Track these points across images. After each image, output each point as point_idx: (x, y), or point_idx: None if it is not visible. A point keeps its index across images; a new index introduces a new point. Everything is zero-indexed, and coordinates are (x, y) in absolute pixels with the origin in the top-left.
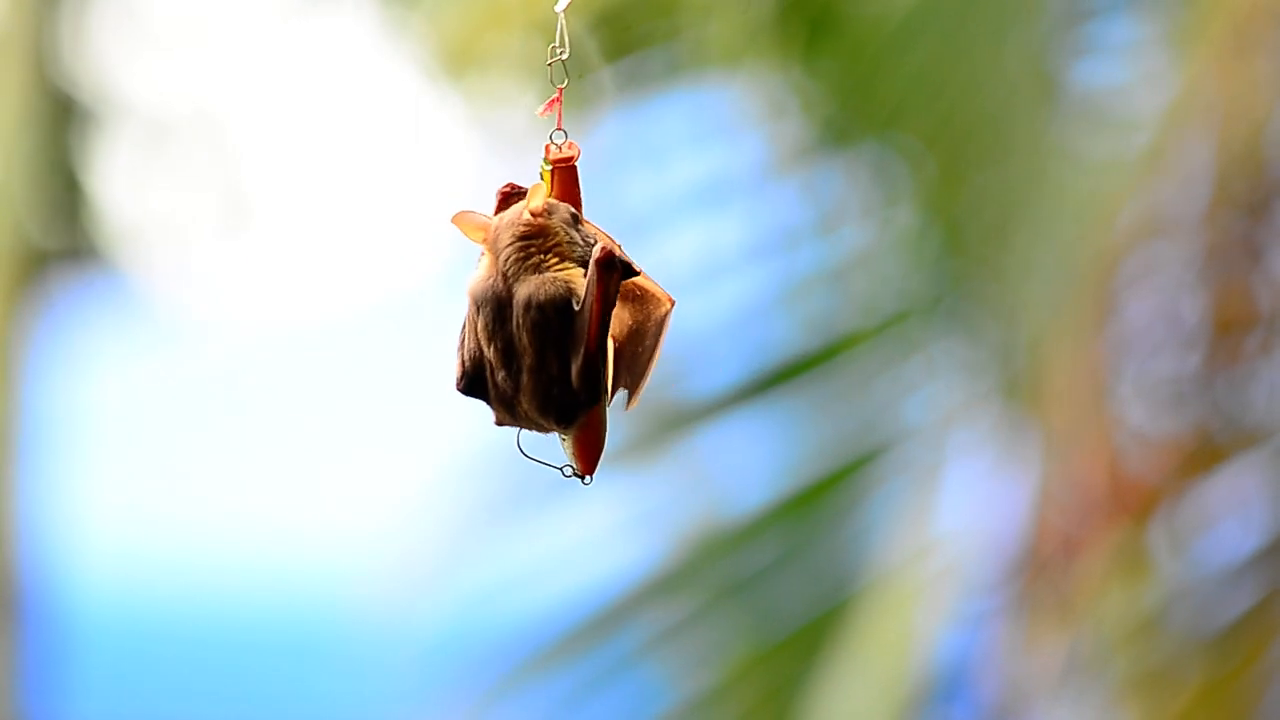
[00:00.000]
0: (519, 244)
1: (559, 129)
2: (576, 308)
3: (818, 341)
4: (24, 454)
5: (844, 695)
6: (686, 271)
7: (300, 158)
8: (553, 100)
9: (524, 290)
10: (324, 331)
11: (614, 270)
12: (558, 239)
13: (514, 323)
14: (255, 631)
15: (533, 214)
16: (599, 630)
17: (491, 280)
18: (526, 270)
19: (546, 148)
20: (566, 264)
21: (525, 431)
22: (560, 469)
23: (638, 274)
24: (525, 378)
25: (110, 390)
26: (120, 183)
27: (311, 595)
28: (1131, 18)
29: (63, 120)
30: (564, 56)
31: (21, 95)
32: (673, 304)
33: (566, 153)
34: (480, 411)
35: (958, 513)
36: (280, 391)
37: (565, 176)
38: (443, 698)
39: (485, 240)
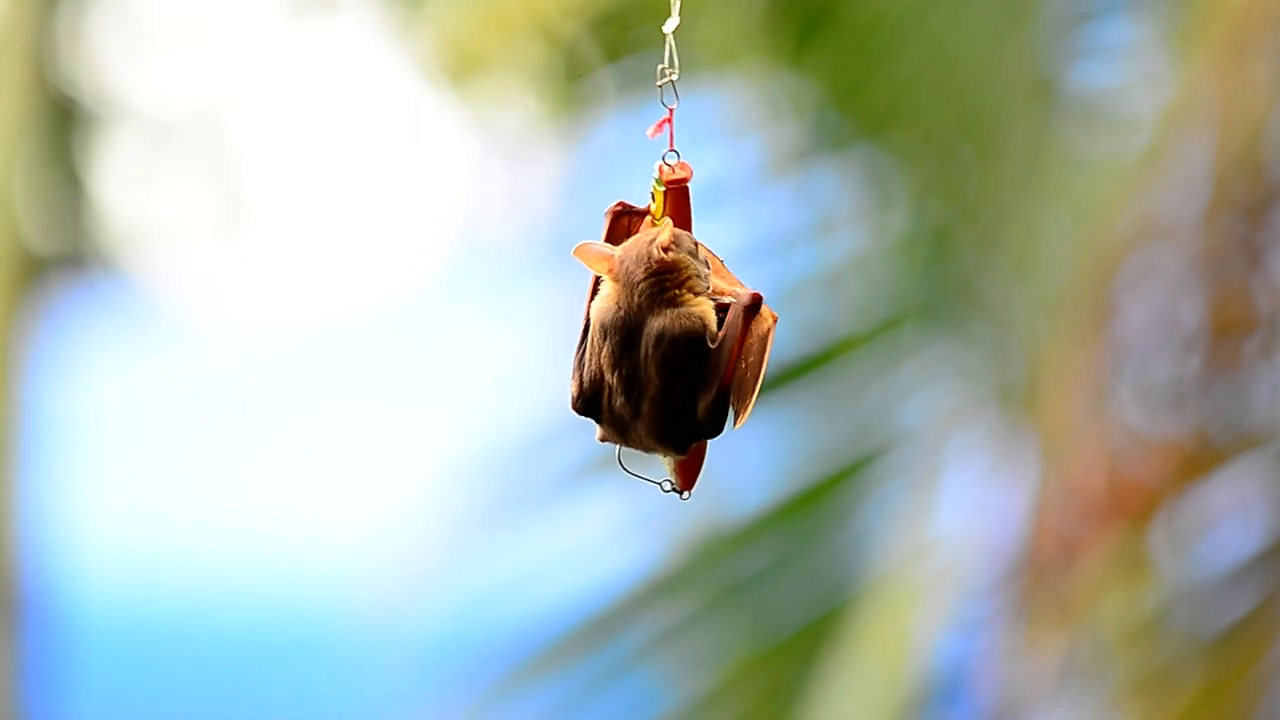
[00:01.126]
0: (653, 279)
1: (671, 149)
2: (711, 344)
3: (816, 345)
4: (25, 455)
5: (842, 698)
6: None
7: (300, 159)
8: (663, 120)
9: (657, 323)
10: (324, 333)
11: (757, 315)
12: (688, 272)
13: (642, 352)
14: (254, 632)
15: (662, 249)
16: (598, 632)
17: (622, 310)
18: (661, 304)
19: (659, 167)
20: (697, 297)
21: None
22: (659, 484)
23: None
24: (646, 405)
25: (110, 392)
26: (120, 185)
27: (311, 596)
28: (1130, 19)
29: (63, 123)
30: (674, 77)
31: (21, 97)
32: (775, 320)
33: (680, 173)
34: (479, 413)
35: (956, 516)
36: (280, 393)
37: (678, 196)
38: (441, 699)
39: (610, 271)
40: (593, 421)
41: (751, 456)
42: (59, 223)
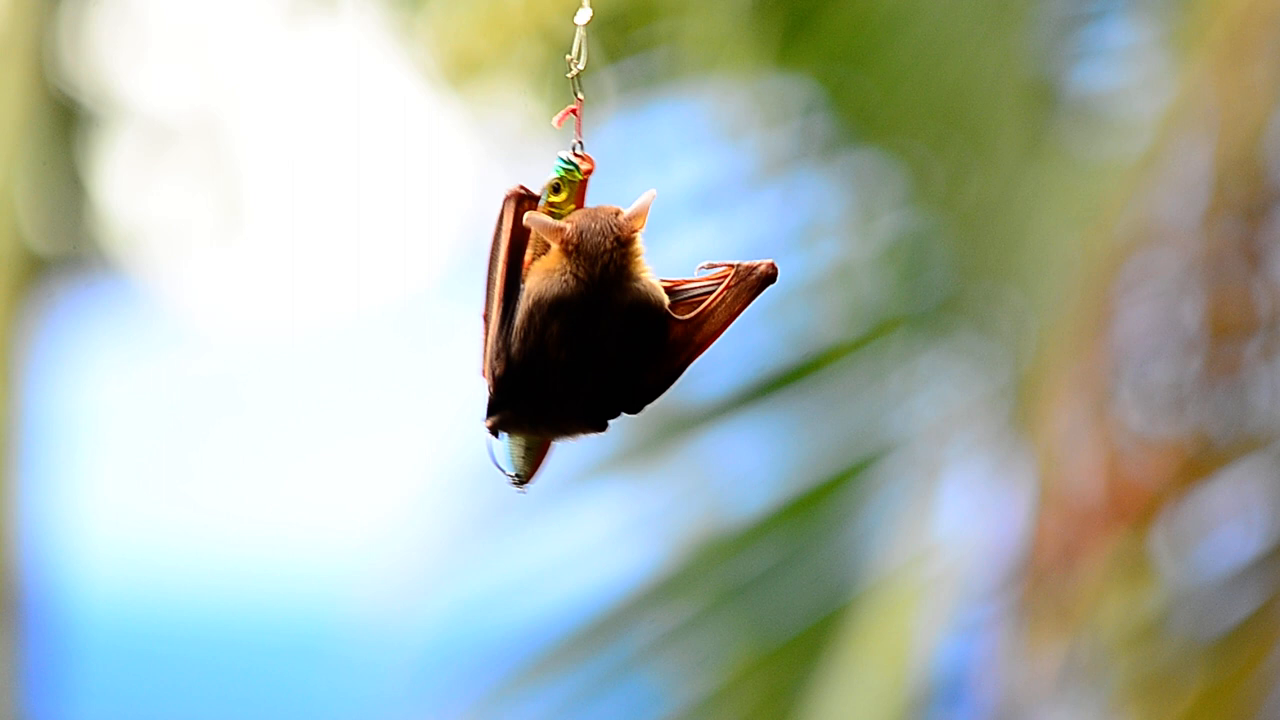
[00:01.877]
0: (620, 251)
1: (578, 139)
2: (681, 317)
3: (816, 348)
4: (26, 457)
5: (843, 700)
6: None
7: (301, 161)
8: (569, 110)
9: (625, 295)
10: (324, 334)
11: (774, 284)
12: (641, 249)
13: (603, 326)
14: (255, 634)
15: (630, 220)
16: (599, 635)
17: (583, 284)
18: (625, 277)
19: (578, 158)
20: (647, 271)
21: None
22: (506, 474)
23: None
24: (592, 381)
25: (111, 392)
26: (122, 186)
27: (311, 599)
28: (1129, 22)
29: (64, 124)
30: (580, 69)
31: (23, 99)
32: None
33: (585, 165)
34: (479, 415)
35: (955, 520)
36: (280, 395)
37: (584, 186)
38: (442, 701)
39: (564, 241)
40: (491, 409)
41: (752, 460)
42: (60, 223)
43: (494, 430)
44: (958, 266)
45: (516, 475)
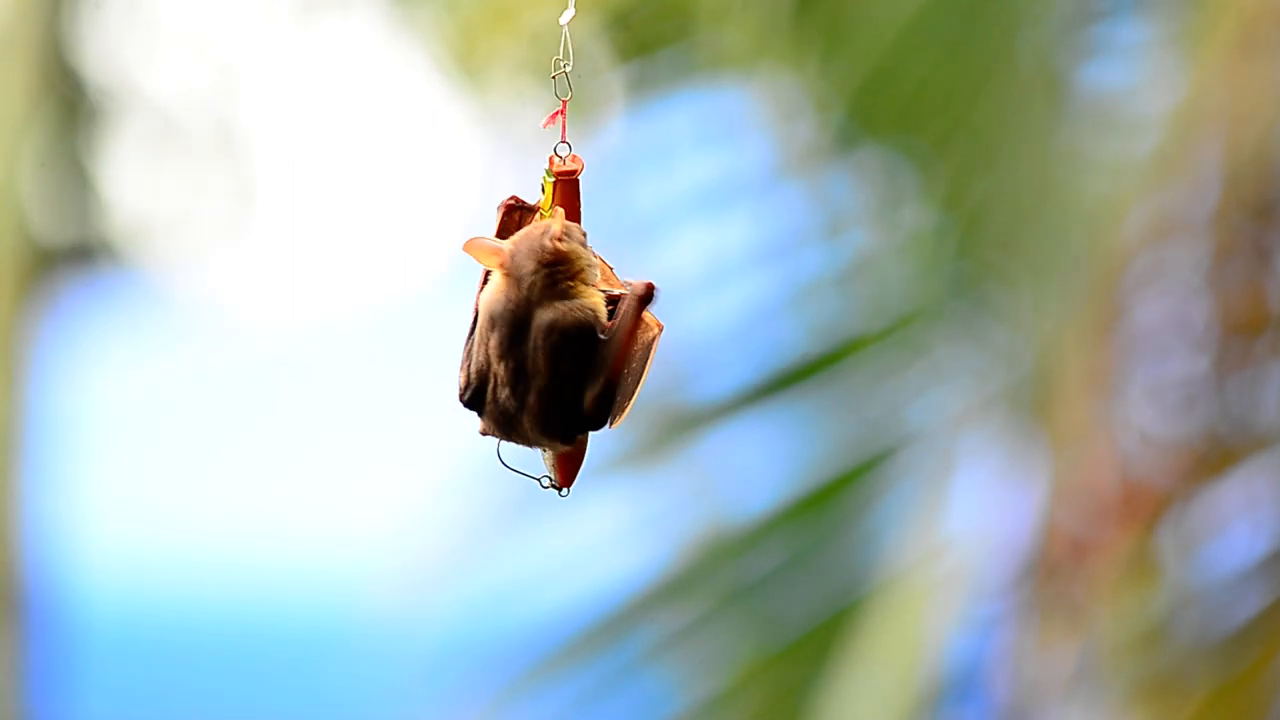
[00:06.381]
0: (546, 270)
1: (563, 141)
2: (602, 336)
3: (825, 345)
4: (30, 452)
5: (852, 699)
6: (693, 275)
7: (310, 155)
8: (555, 113)
9: (548, 315)
10: (335, 329)
11: (651, 303)
12: (580, 264)
13: (531, 344)
14: (262, 633)
15: (555, 240)
16: (606, 635)
17: (511, 302)
18: (552, 295)
19: (551, 159)
20: (588, 289)
21: (506, 442)
22: (539, 480)
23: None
24: (532, 398)
25: (118, 388)
26: (128, 179)
27: (319, 598)
28: (1140, 19)
29: (71, 115)
30: (567, 69)
31: (29, 90)
32: (660, 329)
33: (570, 165)
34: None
35: (967, 516)
36: (290, 391)
37: (567, 188)
38: (450, 702)
39: (501, 265)
40: (476, 415)
41: (761, 457)
42: (67, 215)
43: (484, 433)
44: (970, 264)
45: (548, 478)
